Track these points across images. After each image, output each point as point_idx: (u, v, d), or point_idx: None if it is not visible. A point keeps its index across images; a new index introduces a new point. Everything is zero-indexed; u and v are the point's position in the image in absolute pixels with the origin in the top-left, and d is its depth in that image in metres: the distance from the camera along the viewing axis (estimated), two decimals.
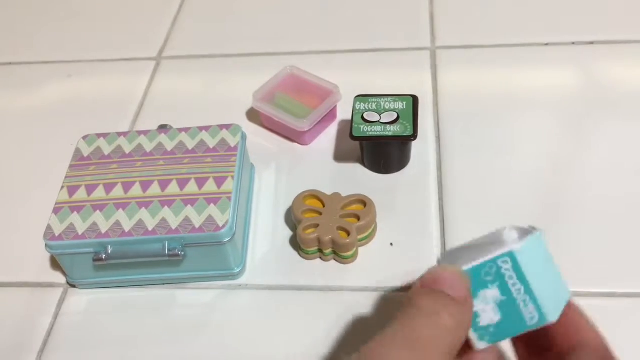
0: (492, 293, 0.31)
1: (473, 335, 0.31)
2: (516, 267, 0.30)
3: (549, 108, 0.56)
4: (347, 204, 0.48)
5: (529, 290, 0.30)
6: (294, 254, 0.48)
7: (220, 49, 0.66)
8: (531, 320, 0.30)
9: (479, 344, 0.31)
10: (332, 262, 0.47)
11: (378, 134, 0.49)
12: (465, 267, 0.30)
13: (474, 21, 0.65)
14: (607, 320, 0.42)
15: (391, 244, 0.47)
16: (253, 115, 0.58)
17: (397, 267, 0.46)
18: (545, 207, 0.48)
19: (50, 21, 0.73)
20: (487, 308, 0.31)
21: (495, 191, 0.45)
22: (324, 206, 0.48)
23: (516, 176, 0.51)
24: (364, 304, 0.44)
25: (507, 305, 0.30)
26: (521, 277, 0.30)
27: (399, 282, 0.45)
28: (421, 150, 0.53)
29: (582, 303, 0.43)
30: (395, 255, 0.47)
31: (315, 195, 0.48)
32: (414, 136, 0.49)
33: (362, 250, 0.47)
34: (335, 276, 0.46)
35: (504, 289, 0.30)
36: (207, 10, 0.71)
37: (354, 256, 0.47)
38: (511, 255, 0.30)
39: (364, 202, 0.47)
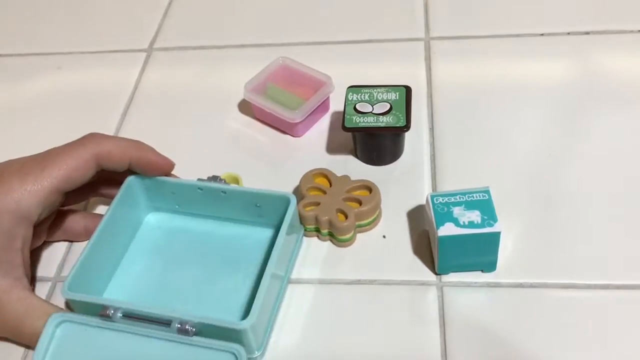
0: None
1: None
2: None
3: (544, 99, 0.56)
4: (352, 188, 0.47)
5: None
6: None
7: (211, 40, 0.65)
8: None
9: None
10: (328, 247, 0.47)
11: (370, 124, 0.48)
12: None
13: (468, 12, 0.65)
14: (602, 312, 0.41)
15: (384, 237, 0.47)
16: (245, 106, 0.57)
17: (388, 259, 0.45)
18: (539, 198, 0.48)
19: (40, 12, 0.72)
20: None
21: (489, 182, 0.44)
22: (330, 186, 0.48)
23: (510, 167, 0.50)
24: (354, 297, 0.44)
25: None
26: None
27: (390, 275, 0.45)
28: (415, 141, 0.53)
29: (577, 295, 0.42)
30: (387, 247, 0.46)
31: (325, 174, 0.48)
32: (406, 127, 0.48)
33: (360, 237, 0.47)
34: (327, 270, 0.45)
35: None
36: (198, 1, 0.71)
37: (351, 240, 0.46)
38: None
39: (370, 188, 0.47)
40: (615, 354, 0.39)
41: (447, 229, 0.41)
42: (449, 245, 0.42)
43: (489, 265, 0.43)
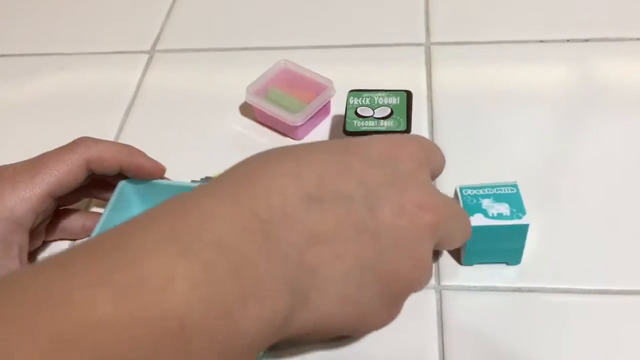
0: None
1: None
2: None
3: (544, 105, 0.56)
4: None
5: None
6: None
7: (214, 42, 0.66)
8: None
9: None
10: None
11: (371, 129, 0.49)
12: None
13: (469, 17, 0.65)
14: (599, 317, 0.42)
15: None
16: (246, 109, 0.58)
17: None
18: (539, 203, 0.48)
19: (42, 12, 0.72)
20: None
21: None
22: None
23: (509, 172, 0.51)
24: None
25: None
26: None
27: None
28: None
29: (577, 300, 0.43)
30: None
31: None
32: (407, 131, 0.48)
33: None
34: None
35: None
36: (201, 3, 0.71)
37: None
38: None
39: None
40: (615, 359, 0.40)
41: (476, 220, 0.42)
42: (477, 236, 0.42)
43: (515, 258, 0.44)
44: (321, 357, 0.41)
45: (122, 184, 0.46)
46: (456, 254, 0.45)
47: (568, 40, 0.61)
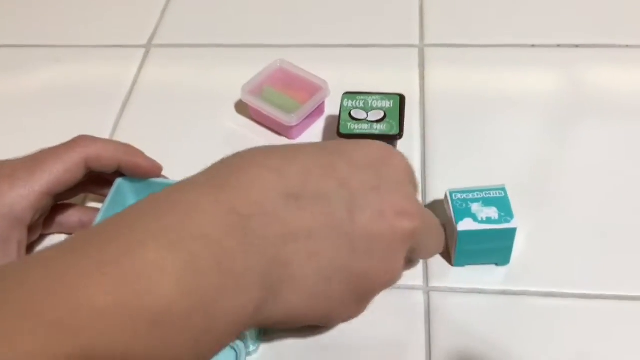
0: None
1: None
2: None
3: (535, 109, 0.57)
4: None
5: None
6: None
7: (211, 38, 0.66)
8: None
9: None
10: None
11: (364, 132, 0.50)
12: None
13: (462, 20, 0.66)
14: (586, 321, 0.43)
15: None
16: (242, 107, 0.58)
17: None
18: (528, 207, 0.49)
19: (38, 4, 0.72)
20: None
21: None
22: None
23: (500, 176, 0.51)
24: None
25: None
26: None
27: None
28: (407, 149, 0.54)
29: (562, 304, 0.44)
30: None
31: None
32: (399, 135, 0.50)
33: None
34: None
35: None
36: None
37: None
38: None
39: None
40: None
41: (466, 224, 0.43)
42: (467, 240, 0.43)
43: (504, 259, 0.46)
44: (311, 357, 0.42)
45: (118, 181, 0.47)
46: (447, 256, 0.46)
47: (558, 45, 0.62)
